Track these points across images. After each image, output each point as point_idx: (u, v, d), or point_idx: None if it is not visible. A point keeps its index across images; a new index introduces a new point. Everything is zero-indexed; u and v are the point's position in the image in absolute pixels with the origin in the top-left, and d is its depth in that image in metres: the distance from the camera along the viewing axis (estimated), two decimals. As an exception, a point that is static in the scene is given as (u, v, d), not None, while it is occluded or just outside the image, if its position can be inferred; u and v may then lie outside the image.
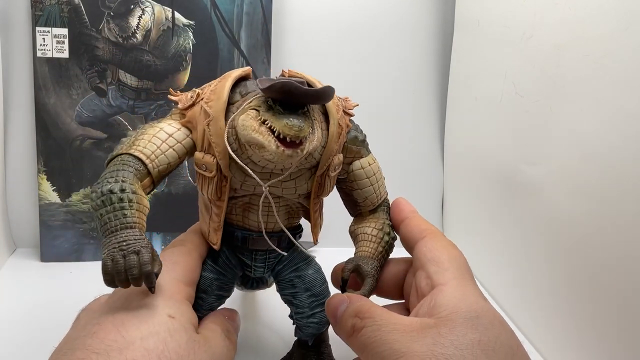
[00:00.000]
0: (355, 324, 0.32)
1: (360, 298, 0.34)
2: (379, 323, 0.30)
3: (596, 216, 0.44)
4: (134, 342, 0.29)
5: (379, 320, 0.31)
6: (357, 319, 0.32)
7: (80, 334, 0.30)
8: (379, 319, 0.31)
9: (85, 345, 0.29)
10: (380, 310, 0.32)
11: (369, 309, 0.32)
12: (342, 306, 0.34)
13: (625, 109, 0.41)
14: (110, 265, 0.30)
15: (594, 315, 0.44)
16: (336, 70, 0.72)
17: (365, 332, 0.31)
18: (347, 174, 0.40)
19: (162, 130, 0.36)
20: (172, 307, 0.33)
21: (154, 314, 0.31)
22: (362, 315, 0.32)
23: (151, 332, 0.30)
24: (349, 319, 0.33)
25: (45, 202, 0.65)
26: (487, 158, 0.64)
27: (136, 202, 0.32)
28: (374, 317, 0.31)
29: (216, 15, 0.66)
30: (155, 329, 0.30)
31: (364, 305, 0.33)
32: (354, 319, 0.32)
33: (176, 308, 0.33)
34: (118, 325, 0.30)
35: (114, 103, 0.65)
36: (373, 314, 0.31)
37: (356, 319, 0.32)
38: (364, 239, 0.40)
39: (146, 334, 0.30)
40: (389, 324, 0.30)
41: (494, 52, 0.62)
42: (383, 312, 0.32)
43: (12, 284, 0.59)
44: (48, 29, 0.62)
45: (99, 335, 0.29)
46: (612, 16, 0.43)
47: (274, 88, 0.31)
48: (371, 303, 0.33)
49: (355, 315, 0.32)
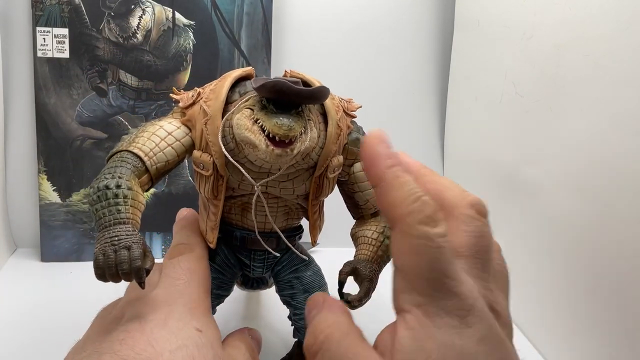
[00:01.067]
0: (308, 346, 0.27)
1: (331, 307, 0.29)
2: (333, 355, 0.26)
3: (596, 216, 0.44)
4: (163, 354, 0.29)
5: (335, 351, 0.26)
6: (312, 340, 0.27)
7: (106, 338, 0.30)
8: (335, 349, 0.26)
9: (114, 351, 0.28)
10: (339, 333, 0.27)
11: (326, 330, 0.27)
12: (313, 312, 0.29)
13: (625, 109, 0.41)
14: (101, 259, 0.30)
15: (594, 315, 0.44)
16: (336, 70, 0.73)
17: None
18: (349, 175, 0.40)
19: (161, 128, 0.36)
20: (199, 319, 0.32)
21: (182, 326, 0.31)
22: (317, 335, 0.27)
23: (180, 346, 0.30)
24: (309, 335, 0.28)
25: (45, 202, 0.65)
26: (487, 158, 0.64)
27: (131, 198, 0.32)
28: (329, 346, 0.26)
29: (216, 16, 0.66)
30: (184, 342, 0.30)
31: (323, 323, 0.28)
32: (310, 338, 0.27)
33: (203, 322, 0.32)
34: (147, 334, 0.30)
35: (114, 103, 0.65)
36: (330, 339, 0.26)
37: (311, 339, 0.27)
38: (364, 242, 0.40)
39: (175, 347, 0.29)
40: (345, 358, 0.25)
41: (494, 52, 0.62)
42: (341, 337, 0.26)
43: (12, 284, 0.59)
44: (48, 29, 0.62)
45: (127, 343, 0.29)
46: (612, 16, 0.43)
47: (266, 87, 0.31)
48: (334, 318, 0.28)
49: (312, 334, 0.27)
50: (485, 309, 0.26)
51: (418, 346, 0.24)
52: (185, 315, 0.32)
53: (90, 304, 0.56)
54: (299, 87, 0.31)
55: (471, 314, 0.25)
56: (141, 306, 0.32)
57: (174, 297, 0.33)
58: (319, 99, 0.32)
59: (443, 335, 0.24)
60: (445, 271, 0.25)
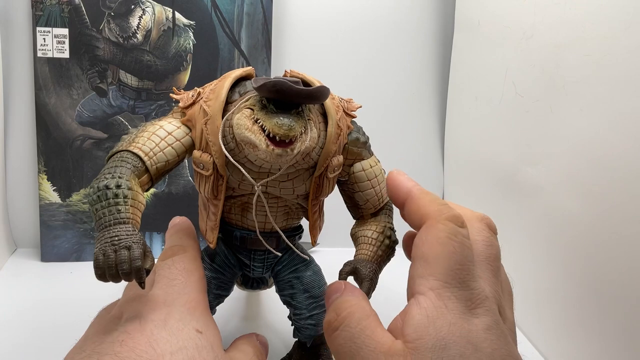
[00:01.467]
0: (330, 321, 0.29)
1: (353, 291, 0.31)
2: (353, 332, 0.28)
3: (596, 216, 0.44)
4: (164, 356, 0.29)
5: (354, 328, 0.28)
6: (334, 316, 0.29)
7: (106, 339, 0.30)
8: (354, 326, 0.28)
9: (115, 352, 0.28)
10: (360, 313, 0.29)
11: (348, 308, 0.29)
12: (334, 295, 0.31)
13: (625, 109, 0.41)
14: (101, 259, 0.30)
15: (594, 315, 0.44)
16: (336, 71, 0.73)
17: (338, 336, 0.28)
18: (349, 175, 0.40)
19: (161, 128, 0.36)
20: (199, 320, 0.32)
21: (182, 327, 0.31)
22: (339, 312, 0.29)
23: (180, 348, 0.30)
24: (331, 312, 0.30)
25: (45, 202, 0.65)
26: (487, 158, 0.64)
27: (131, 198, 0.32)
28: (349, 322, 0.28)
29: (217, 16, 0.66)
30: (184, 344, 0.30)
31: (345, 302, 0.30)
32: (332, 314, 0.29)
33: (202, 322, 0.32)
34: (147, 335, 0.30)
35: (114, 103, 0.65)
36: (351, 317, 0.28)
37: (333, 315, 0.29)
38: (364, 242, 0.40)
39: (175, 348, 0.29)
40: (362, 335, 0.27)
41: (494, 52, 0.62)
42: (362, 317, 0.28)
43: (12, 284, 0.59)
44: (48, 29, 0.62)
45: (128, 344, 0.29)
46: (612, 16, 0.43)
47: (266, 87, 0.31)
48: (356, 300, 0.30)
49: (334, 311, 0.29)
50: (493, 306, 0.27)
51: (429, 322, 0.26)
52: (185, 316, 0.32)
53: (90, 304, 0.56)
54: (299, 87, 0.31)
55: (480, 307, 0.27)
56: (140, 306, 0.32)
57: (172, 297, 0.33)
58: (319, 98, 0.32)
59: (453, 317, 0.26)
60: (463, 264, 0.28)
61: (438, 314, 0.26)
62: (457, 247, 0.28)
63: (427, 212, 0.30)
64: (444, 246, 0.28)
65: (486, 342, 0.26)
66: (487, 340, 0.26)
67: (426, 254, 0.28)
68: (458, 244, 0.28)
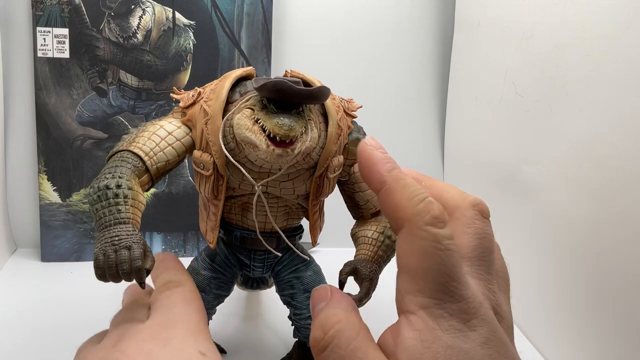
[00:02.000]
0: (317, 339, 0.26)
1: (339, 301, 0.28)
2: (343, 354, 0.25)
3: (596, 215, 0.44)
4: None
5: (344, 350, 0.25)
6: (321, 334, 0.26)
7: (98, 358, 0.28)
8: (344, 347, 0.25)
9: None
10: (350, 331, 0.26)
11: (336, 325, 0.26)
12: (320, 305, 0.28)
13: (625, 109, 0.41)
14: (101, 259, 0.30)
15: (594, 314, 0.44)
16: (336, 71, 0.73)
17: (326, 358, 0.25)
18: (349, 175, 0.40)
19: (162, 128, 0.36)
20: (202, 344, 0.30)
21: (185, 348, 0.28)
22: (326, 330, 0.26)
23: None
24: (317, 329, 0.27)
25: (45, 202, 0.65)
26: (487, 158, 0.64)
27: (131, 198, 0.32)
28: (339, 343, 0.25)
29: (217, 16, 0.66)
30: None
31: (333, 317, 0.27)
32: (318, 331, 0.26)
33: (206, 346, 0.30)
34: (146, 354, 0.27)
35: (114, 103, 0.65)
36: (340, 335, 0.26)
37: (319, 332, 0.26)
38: (364, 242, 0.40)
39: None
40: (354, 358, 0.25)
41: (494, 52, 0.62)
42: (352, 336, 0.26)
43: (12, 284, 0.59)
44: (49, 29, 0.62)
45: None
46: (612, 16, 0.43)
47: (267, 87, 0.31)
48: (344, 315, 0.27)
49: (320, 328, 0.26)
50: (489, 313, 0.26)
51: (425, 347, 0.24)
52: (187, 338, 0.29)
53: (90, 304, 0.56)
54: (299, 87, 0.31)
55: (475, 317, 0.25)
56: (136, 329, 0.29)
57: (173, 323, 0.30)
58: (320, 99, 0.32)
59: (449, 338, 0.24)
60: (452, 274, 0.25)
61: (433, 337, 0.24)
62: (443, 257, 0.25)
63: (405, 215, 0.26)
64: (429, 258, 0.25)
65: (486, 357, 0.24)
66: (486, 356, 0.24)
67: (411, 268, 0.26)
68: (444, 253, 0.25)
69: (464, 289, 0.25)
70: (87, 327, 0.34)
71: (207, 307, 0.41)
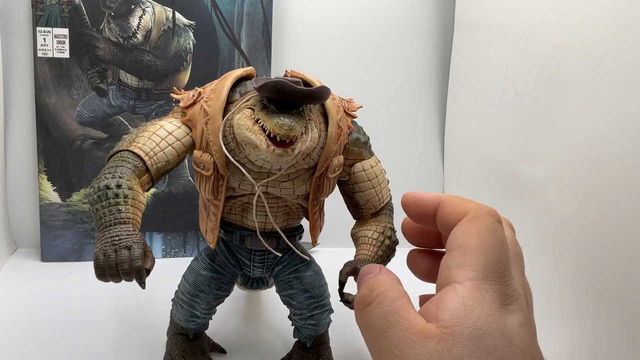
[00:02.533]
0: (363, 296, 0.29)
1: (388, 273, 0.31)
2: (386, 309, 0.28)
3: (596, 215, 0.44)
4: None
5: (388, 306, 0.28)
6: (367, 292, 0.29)
7: None
8: (388, 304, 0.28)
9: None
10: (395, 293, 0.29)
11: (383, 286, 0.29)
12: (369, 276, 0.31)
13: (625, 109, 0.41)
14: (102, 259, 0.30)
15: (594, 314, 0.44)
16: (336, 71, 0.73)
17: (369, 312, 0.28)
18: (349, 176, 0.40)
19: (162, 128, 0.36)
20: None
21: None
22: (373, 289, 0.29)
23: None
24: (365, 288, 0.30)
25: (45, 202, 0.65)
26: (487, 157, 0.64)
27: (132, 198, 0.32)
28: (383, 299, 0.28)
29: (217, 16, 0.66)
30: None
31: (380, 281, 0.30)
32: (365, 290, 0.29)
33: None
34: None
35: (114, 103, 0.65)
36: (385, 294, 0.28)
37: (366, 291, 0.29)
38: (364, 242, 0.40)
39: None
40: (395, 314, 0.27)
41: (494, 52, 0.62)
42: (396, 296, 0.28)
43: (12, 284, 0.59)
44: (49, 29, 0.62)
45: None
46: (612, 16, 0.43)
47: (267, 87, 0.31)
48: (391, 281, 0.30)
49: (368, 288, 0.29)
50: (525, 305, 0.28)
51: (467, 310, 0.26)
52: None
53: (91, 304, 0.56)
54: (299, 87, 0.31)
55: (514, 303, 0.27)
56: None
57: None
58: (320, 99, 0.32)
59: (490, 309, 0.26)
60: (502, 258, 0.28)
61: (475, 303, 0.26)
62: (497, 241, 0.28)
63: (465, 208, 0.30)
64: (484, 239, 0.28)
65: (519, 337, 0.26)
66: (520, 335, 0.26)
67: (466, 245, 0.28)
68: (498, 239, 0.28)
69: (508, 277, 0.28)
70: (87, 327, 0.34)
71: (207, 307, 0.41)
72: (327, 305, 0.43)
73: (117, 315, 0.52)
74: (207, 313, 0.42)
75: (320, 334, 0.44)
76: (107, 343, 0.47)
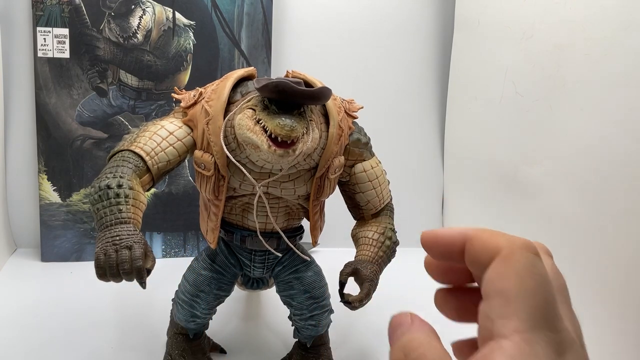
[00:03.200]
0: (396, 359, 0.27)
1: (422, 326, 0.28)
2: None
3: (595, 215, 0.44)
4: None
5: None
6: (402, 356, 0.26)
7: None
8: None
9: None
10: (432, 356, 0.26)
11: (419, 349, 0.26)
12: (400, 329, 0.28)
13: (625, 109, 0.41)
14: (102, 259, 0.30)
15: (594, 314, 0.44)
16: (336, 71, 0.73)
17: None
18: (349, 176, 0.40)
19: (163, 128, 0.36)
20: None
21: None
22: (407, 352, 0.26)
23: None
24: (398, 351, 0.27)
25: (45, 202, 0.65)
26: (487, 158, 0.64)
27: (132, 197, 0.32)
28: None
29: (217, 16, 0.66)
30: None
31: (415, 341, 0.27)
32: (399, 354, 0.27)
33: None
34: None
35: (114, 103, 0.65)
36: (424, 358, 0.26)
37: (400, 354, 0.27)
38: (365, 243, 0.40)
39: None
40: None
41: (494, 52, 0.62)
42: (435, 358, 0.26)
43: (12, 284, 0.59)
44: (49, 29, 0.62)
45: None
46: (612, 16, 0.43)
47: (268, 87, 0.31)
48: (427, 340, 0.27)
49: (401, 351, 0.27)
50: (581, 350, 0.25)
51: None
52: None
53: (90, 304, 0.56)
54: (301, 88, 0.31)
55: (569, 351, 0.24)
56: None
57: None
58: (321, 99, 0.33)
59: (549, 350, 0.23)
60: (549, 302, 0.25)
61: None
62: (540, 281, 0.25)
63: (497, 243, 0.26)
64: (524, 281, 0.25)
65: None
66: None
67: (505, 291, 0.25)
68: (539, 277, 0.25)
69: (559, 320, 0.25)
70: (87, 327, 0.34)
71: (207, 307, 0.41)
72: (328, 306, 0.43)
73: (117, 315, 0.52)
74: (207, 313, 0.42)
75: (320, 335, 0.44)
76: (107, 343, 0.47)
